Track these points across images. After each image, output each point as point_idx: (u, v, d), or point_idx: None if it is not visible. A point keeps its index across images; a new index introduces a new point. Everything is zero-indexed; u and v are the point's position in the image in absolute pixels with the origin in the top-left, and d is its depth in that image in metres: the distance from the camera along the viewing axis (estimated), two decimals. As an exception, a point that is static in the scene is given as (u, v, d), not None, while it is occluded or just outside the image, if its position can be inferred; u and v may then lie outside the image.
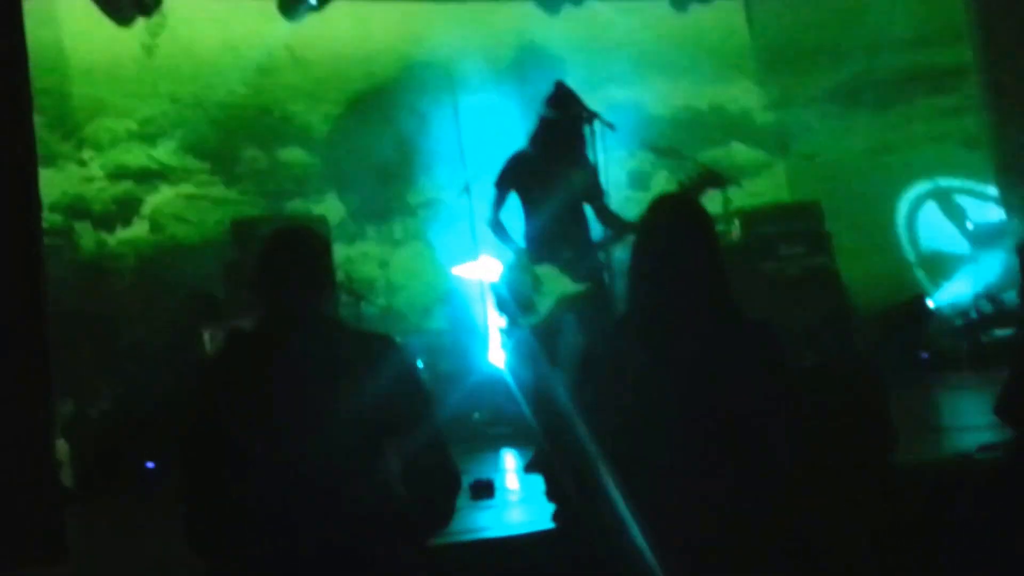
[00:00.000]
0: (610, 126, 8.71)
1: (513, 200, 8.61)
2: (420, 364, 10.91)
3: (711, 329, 4.35)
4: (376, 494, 4.32)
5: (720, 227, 11.14)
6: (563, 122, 8.55)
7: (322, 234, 4.71)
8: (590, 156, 8.65)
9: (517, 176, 8.58)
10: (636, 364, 4.32)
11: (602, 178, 8.68)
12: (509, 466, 9.50)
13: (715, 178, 8.50)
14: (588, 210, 8.65)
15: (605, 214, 8.68)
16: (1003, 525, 4.94)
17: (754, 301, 7.42)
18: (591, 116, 8.67)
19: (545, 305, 8.35)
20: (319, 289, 4.54)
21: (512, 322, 8.56)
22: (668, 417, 4.22)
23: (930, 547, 5.29)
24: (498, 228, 8.61)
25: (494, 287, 8.81)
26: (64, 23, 12.45)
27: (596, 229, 8.74)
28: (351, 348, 4.49)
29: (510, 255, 8.55)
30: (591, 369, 4.58)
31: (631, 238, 8.19)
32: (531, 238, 8.52)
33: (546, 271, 8.41)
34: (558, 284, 8.40)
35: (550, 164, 8.49)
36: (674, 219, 4.58)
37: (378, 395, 4.31)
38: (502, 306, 8.67)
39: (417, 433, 4.42)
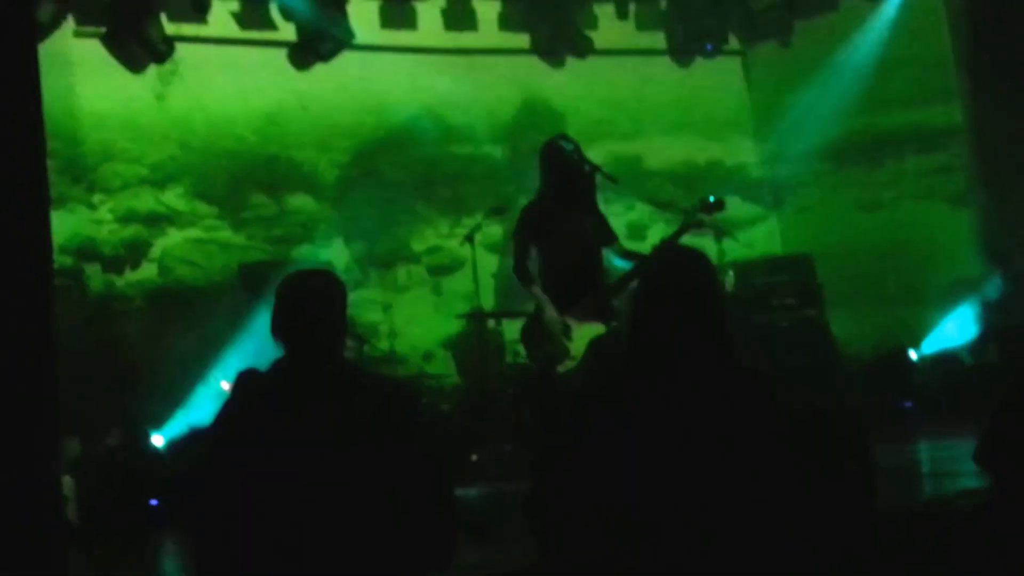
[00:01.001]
0: (612, 180, 8.95)
1: (533, 251, 8.85)
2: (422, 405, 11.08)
3: (708, 375, 4.40)
4: (383, 534, 4.41)
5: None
6: (573, 173, 8.81)
7: (339, 278, 4.87)
8: (593, 203, 8.95)
9: (534, 227, 8.81)
10: (633, 408, 4.36)
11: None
12: (506, 506, 9.64)
13: (700, 220, 8.75)
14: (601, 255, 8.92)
15: (624, 253, 8.92)
16: (984, 570, 5.02)
17: (745, 350, 7.61)
18: (593, 169, 8.92)
19: (576, 350, 8.57)
20: (337, 333, 4.64)
21: (547, 367, 8.75)
22: (665, 459, 4.26)
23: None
24: (526, 277, 8.80)
25: (523, 335, 8.99)
26: (78, 69, 12.55)
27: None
28: (366, 392, 4.58)
29: (539, 302, 8.76)
30: (588, 411, 4.58)
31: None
32: (553, 286, 8.75)
33: (572, 317, 8.63)
34: (586, 328, 8.63)
35: (563, 214, 8.73)
36: (677, 267, 4.63)
37: (390, 438, 4.44)
38: (532, 354, 8.87)
39: (423, 477, 4.53)
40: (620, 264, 8.85)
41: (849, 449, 6.04)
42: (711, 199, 8.73)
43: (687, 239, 8.54)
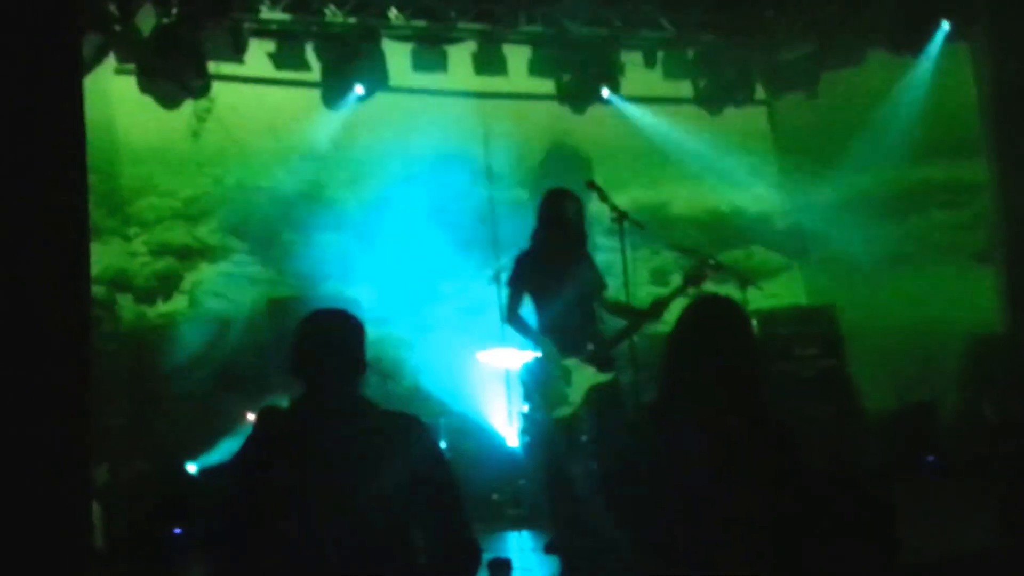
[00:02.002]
0: (639, 225, 9.09)
1: (527, 298, 8.97)
2: (444, 444, 11.15)
3: (735, 426, 4.46)
4: (402, 569, 4.49)
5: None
6: (565, 225, 8.93)
7: (356, 317, 4.97)
8: (590, 252, 9.07)
9: (528, 275, 8.94)
10: (661, 454, 4.47)
11: (626, 274, 9.08)
12: (526, 546, 9.68)
13: (716, 267, 8.86)
14: (594, 303, 9.03)
15: (610, 305, 9.05)
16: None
17: (768, 400, 7.67)
18: (621, 216, 9.05)
19: (575, 397, 8.66)
20: (353, 371, 4.72)
21: (543, 413, 8.84)
22: (688, 507, 4.35)
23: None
24: (519, 324, 8.93)
25: (523, 379, 9.08)
26: (117, 104, 12.79)
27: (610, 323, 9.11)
28: (381, 428, 4.66)
29: (538, 348, 8.86)
30: (617, 457, 4.84)
31: (644, 327, 8.63)
32: (548, 333, 8.85)
33: (572, 363, 8.72)
34: (585, 376, 8.72)
35: (556, 263, 8.85)
36: (714, 318, 4.71)
37: (406, 472, 4.50)
38: (530, 398, 8.96)
39: (441, 510, 4.60)
40: (606, 316, 8.99)
41: (873, 514, 6.05)
42: (711, 261, 8.86)
43: (713, 287, 8.67)
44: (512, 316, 8.95)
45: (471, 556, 4.73)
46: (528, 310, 9.02)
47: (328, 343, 4.73)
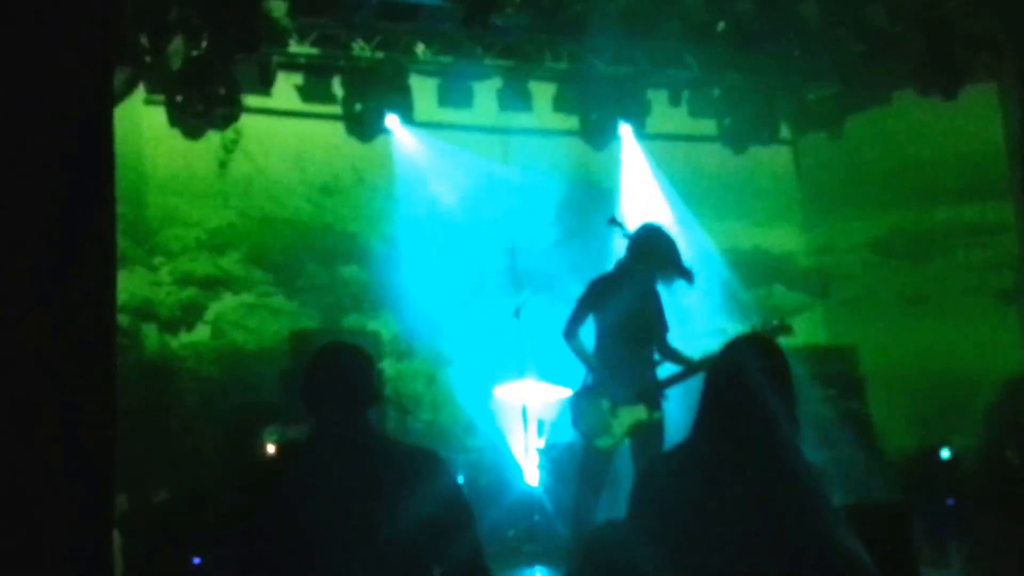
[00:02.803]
0: (689, 279, 9.09)
1: (589, 322, 8.98)
2: (461, 479, 11.16)
3: (769, 469, 4.46)
4: None
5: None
6: (652, 258, 8.94)
7: (365, 351, 5.00)
8: (659, 293, 9.08)
9: (596, 298, 8.94)
10: (692, 495, 4.45)
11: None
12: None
13: (786, 328, 8.86)
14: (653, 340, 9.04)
15: (667, 349, 9.06)
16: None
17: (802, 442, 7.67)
18: (676, 260, 9.05)
19: (619, 430, 8.67)
20: (364, 405, 4.73)
21: (584, 442, 8.83)
22: (718, 550, 4.33)
23: None
24: (576, 343, 8.91)
25: (570, 404, 9.07)
26: (145, 135, 12.90)
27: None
28: (396, 462, 4.67)
29: (591, 373, 8.87)
30: (647, 496, 4.70)
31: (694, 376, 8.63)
32: (604, 361, 8.88)
33: (620, 397, 8.72)
34: (632, 412, 8.72)
35: (631, 293, 8.85)
36: (753, 359, 4.66)
37: (422, 508, 4.48)
38: (575, 424, 8.95)
39: (458, 546, 4.59)
40: (662, 359, 8.99)
41: (894, 556, 6.02)
42: (778, 323, 8.87)
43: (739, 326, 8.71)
44: (571, 333, 8.91)
45: None
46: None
47: (337, 377, 4.75)
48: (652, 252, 8.92)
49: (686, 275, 8.99)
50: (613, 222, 9.48)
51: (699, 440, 4.65)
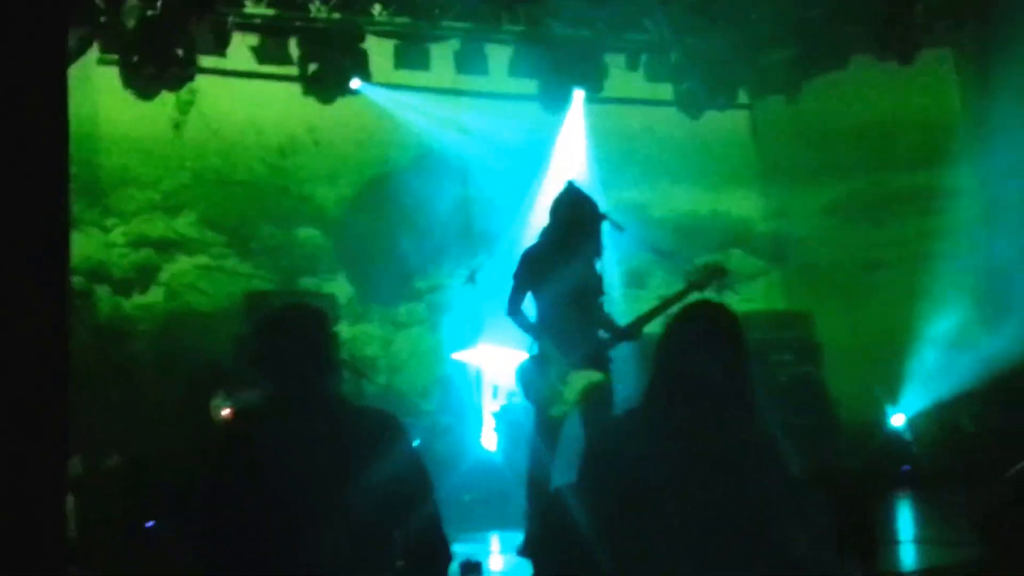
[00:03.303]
0: (619, 227, 9.07)
1: (528, 294, 8.94)
2: (416, 443, 11.10)
3: (723, 435, 4.41)
4: (377, 567, 4.48)
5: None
6: (576, 223, 8.89)
7: (324, 312, 4.90)
8: (596, 256, 9.04)
9: (532, 271, 8.90)
10: (643, 458, 4.40)
11: (603, 275, 9.07)
12: (496, 548, 9.64)
13: (719, 271, 8.85)
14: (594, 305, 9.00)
15: (599, 314, 9.04)
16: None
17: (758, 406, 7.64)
18: (601, 217, 9.02)
19: (571, 396, 8.65)
20: (323, 369, 4.63)
21: (538, 412, 8.81)
22: (667, 513, 4.30)
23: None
24: (521, 319, 8.89)
25: (520, 377, 9.04)
26: (99, 95, 12.76)
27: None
28: (357, 426, 4.59)
29: (537, 345, 8.84)
30: (598, 458, 4.65)
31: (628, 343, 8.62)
32: (549, 331, 8.85)
33: (568, 363, 8.70)
34: (580, 376, 8.70)
35: (562, 261, 8.81)
36: (706, 324, 4.60)
37: (383, 473, 4.42)
38: (527, 396, 8.91)
39: (417, 511, 4.56)
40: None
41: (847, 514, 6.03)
42: (714, 265, 8.85)
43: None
44: (514, 310, 8.89)
45: (443, 557, 4.69)
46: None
47: (293, 341, 4.63)
48: (572, 214, 8.88)
49: (615, 226, 8.99)
50: (576, 188, 9.38)
51: (651, 406, 4.59)
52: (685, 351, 4.54)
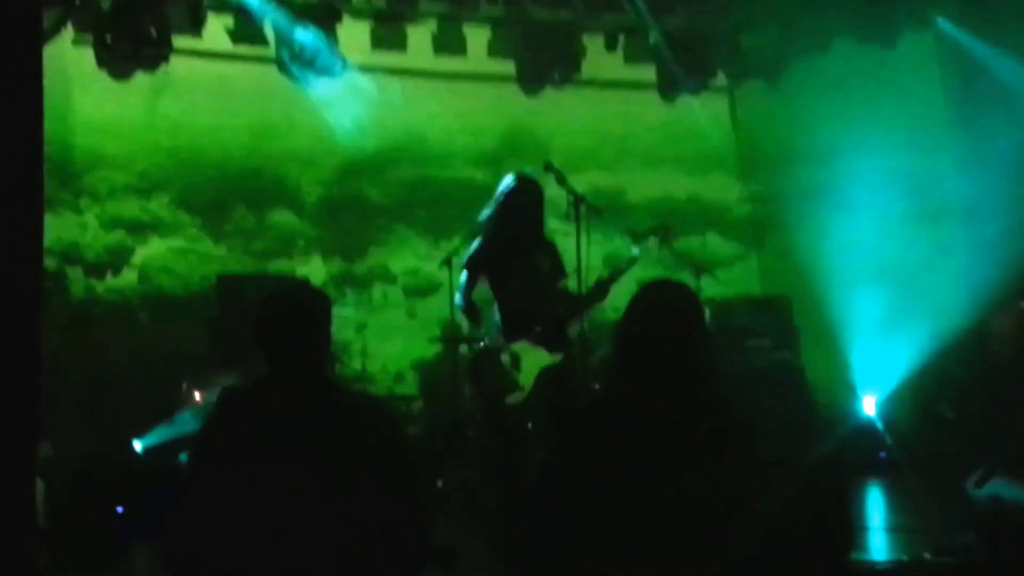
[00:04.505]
0: (596, 211, 9.04)
1: (482, 282, 8.92)
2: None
3: (687, 417, 4.37)
4: (359, 550, 4.45)
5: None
6: (522, 206, 8.88)
7: (325, 296, 4.93)
8: (549, 237, 9.01)
9: (485, 259, 8.88)
10: (609, 443, 4.36)
11: (579, 258, 9.01)
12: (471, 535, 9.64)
13: (666, 230, 8.85)
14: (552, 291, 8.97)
15: (562, 294, 8.99)
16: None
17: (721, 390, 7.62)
18: (578, 200, 8.99)
19: (527, 382, 8.61)
20: (320, 352, 4.66)
21: (493, 402, 8.79)
22: (632, 501, 4.27)
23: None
24: (471, 310, 8.89)
25: (473, 367, 9.02)
26: (73, 75, 12.69)
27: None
28: (351, 409, 4.62)
29: (486, 335, 8.82)
30: (563, 443, 4.62)
31: (591, 311, 8.61)
32: (503, 317, 8.79)
33: (522, 348, 8.68)
34: (535, 358, 8.68)
35: (513, 250, 8.79)
36: (664, 304, 4.57)
37: (369, 457, 4.47)
38: (481, 384, 8.91)
39: (395, 494, 4.55)
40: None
41: (822, 500, 6.02)
42: (660, 227, 8.86)
43: (669, 273, 8.68)
44: (464, 300, 8.92)
45: (421, 543, 4.70)
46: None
47: (296, 320, 4.64)
48: (515, 201, 8.87)
49: (592, 210, 8.94)
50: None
51: (615, 394, 4.57)
52: (645, 337, 4.48)
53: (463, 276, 9.04)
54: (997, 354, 12.29)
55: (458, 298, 9.00)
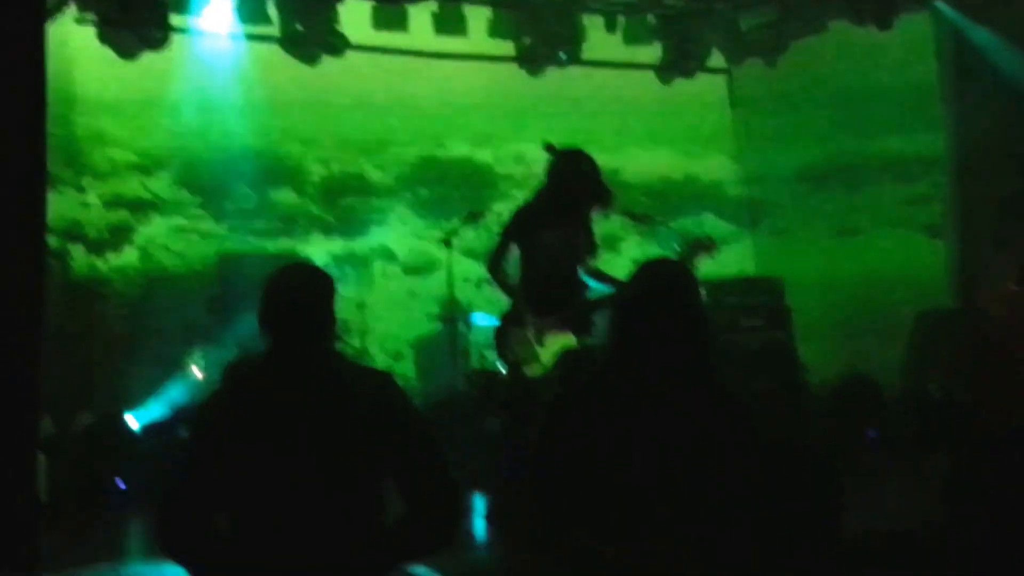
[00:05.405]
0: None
1: (514, 252, 8.96)
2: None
3: (683, 396, 4.45)
4: (373, 521, 4.52)
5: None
6: (578, 186, 8.91)
7: (328, 273, 4.96)
8: (587, 217, 9.06)
9: (522, 229, 8.91)
10: (606, 422, 4.42)
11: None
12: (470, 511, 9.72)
13: (708, 245, 8.85)
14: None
15: (594, 271, 9.04)
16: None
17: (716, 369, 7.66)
18: (598, 182, 9.03)
19: (547, 358, 8.66)
20: (324, 325, 4.69)
21: (515, 372, 8.81)
22: (630, 477, 4.33)
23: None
24: (499, 275, 8.89)
25: (495, 335, 9.04)
26: (75, 53, 12.70)
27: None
28: (358, 383, 4.65)
29: (511, 305, 8.85)
30: (561, 421, 4.65)
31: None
32: (530, 290, 8.86)
33: (547, 324, 8.71)
34: (560, 339, 8.71)
35: (556, 222, 8.82)
36: (662, 283, 4.61)
37: (379, 426, 4.51)
38: (501, 355, 8.92)
39: (421, 452, 4.61)
40: (590, 281, 8.97)
41: (817, 486, 6.07)
42: (705, 240, 8.85)
43: (664, 252, 8.71)
44: (494, 266, 8.89)
45: (453, 493, 4.72)
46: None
47: (300, 296, 4.67)
48: (571, 177, 8.89)
49: (605, 197, 8.99)
50: (549, 149, 9.39)
51: (612, 373, 4.61)
52: (644, 315, 4.55)
53: (497, 242, 9.00)
54: (986, 336, 12.32)
55: (489, 263, 8.97)
